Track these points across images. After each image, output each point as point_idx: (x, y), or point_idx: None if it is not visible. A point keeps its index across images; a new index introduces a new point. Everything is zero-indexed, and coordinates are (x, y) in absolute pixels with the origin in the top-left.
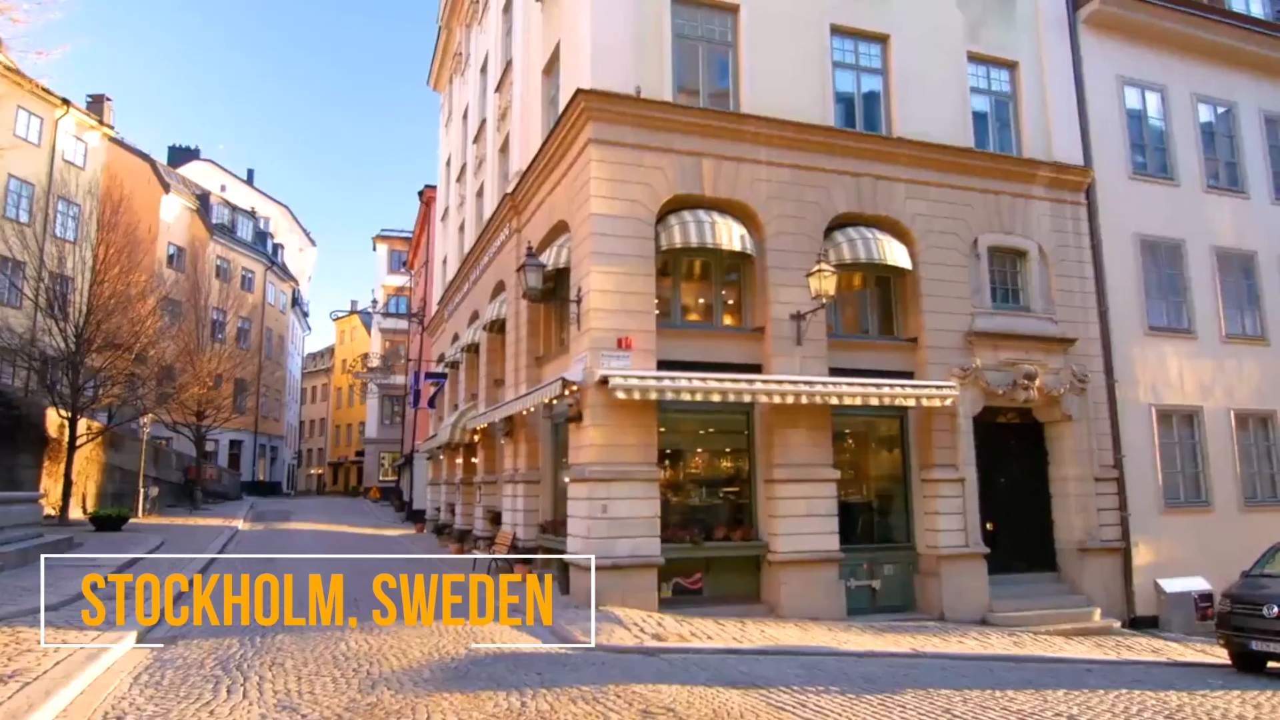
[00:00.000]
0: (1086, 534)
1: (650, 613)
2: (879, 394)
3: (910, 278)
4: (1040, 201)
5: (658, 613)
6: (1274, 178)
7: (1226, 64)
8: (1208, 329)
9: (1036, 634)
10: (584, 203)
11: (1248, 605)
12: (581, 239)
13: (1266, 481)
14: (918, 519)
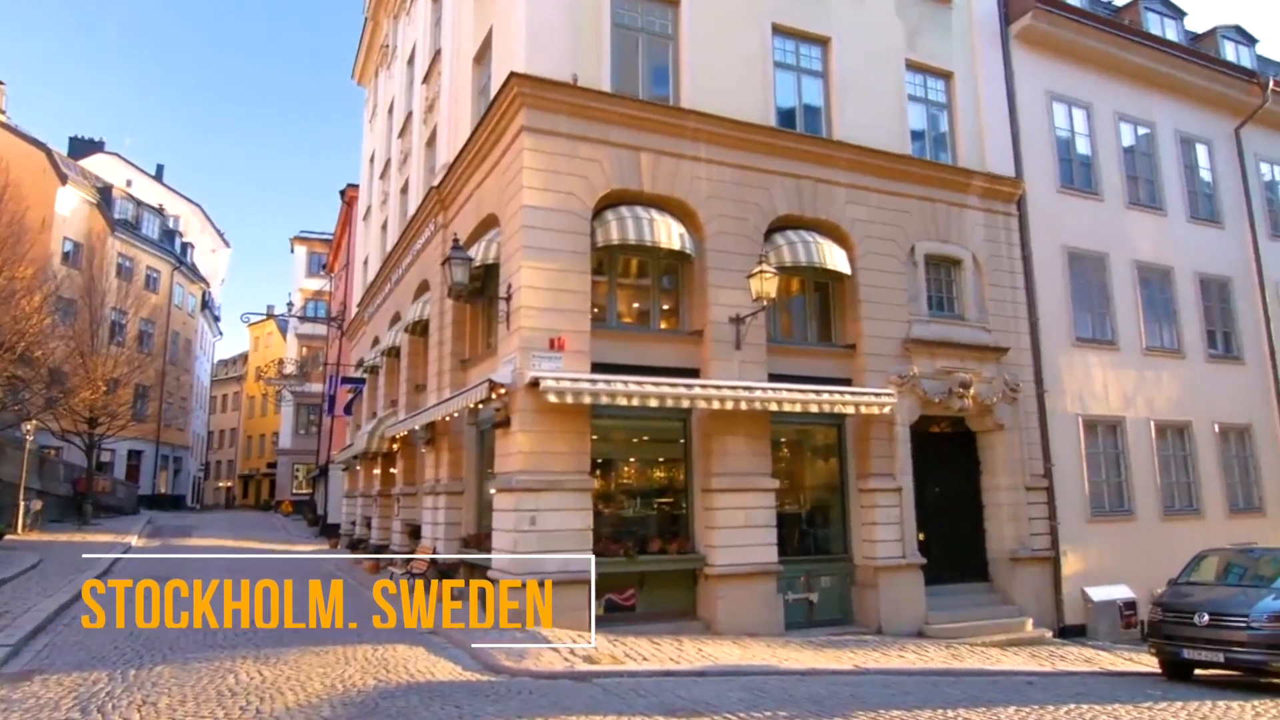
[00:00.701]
0: (1018, 543)
1: (581, 632)
2: (819, 400)
3: (849, 283)
4: (974, 211)
5: (589, 632)
6: (1189, 196)
7: (1146, 86)
8: (1130, 341)
9: (973, 646)
10: (515, 194)
11: (1179, 614)
12: (512, 233)
13: (1184, 491)
14: (855, 530)
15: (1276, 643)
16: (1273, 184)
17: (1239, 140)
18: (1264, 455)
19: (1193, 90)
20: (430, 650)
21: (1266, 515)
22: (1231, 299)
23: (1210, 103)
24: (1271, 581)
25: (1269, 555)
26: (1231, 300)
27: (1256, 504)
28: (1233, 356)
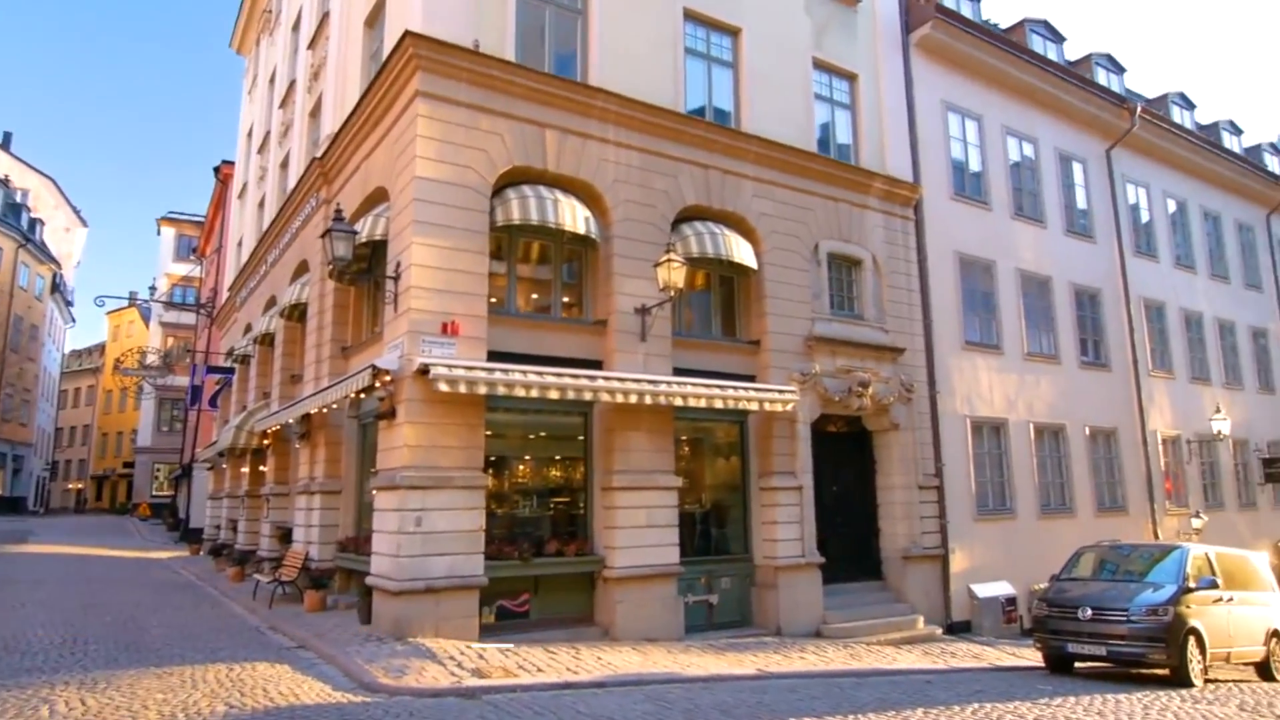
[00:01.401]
0: (910, 542)
1: (470, 643)
2: (723, 396)
3: (754, 279)
4: (875, 213)
5: (479, 642)
6: (1066, 211)
7: (1030, 103)
8: (1013, 346)
9: (869, 645)
10: (408, 164)
11: (1063, 609)
12: (403, 206)
13: (1058, 491)
14: (756, 529)
15: (1153, 635)
16: (1137, 205)
17: (1109, 161)
18: (1126, 457)
19: (1071, 111)
20: (296, 668)
21: (1129, 513)
22: (1101, 310)
23: (1085, 124)
24: (1144, 576)
25: (1138, 551)
26: (1101, 311)
27: (1120, 503)
28: (1101, 364)
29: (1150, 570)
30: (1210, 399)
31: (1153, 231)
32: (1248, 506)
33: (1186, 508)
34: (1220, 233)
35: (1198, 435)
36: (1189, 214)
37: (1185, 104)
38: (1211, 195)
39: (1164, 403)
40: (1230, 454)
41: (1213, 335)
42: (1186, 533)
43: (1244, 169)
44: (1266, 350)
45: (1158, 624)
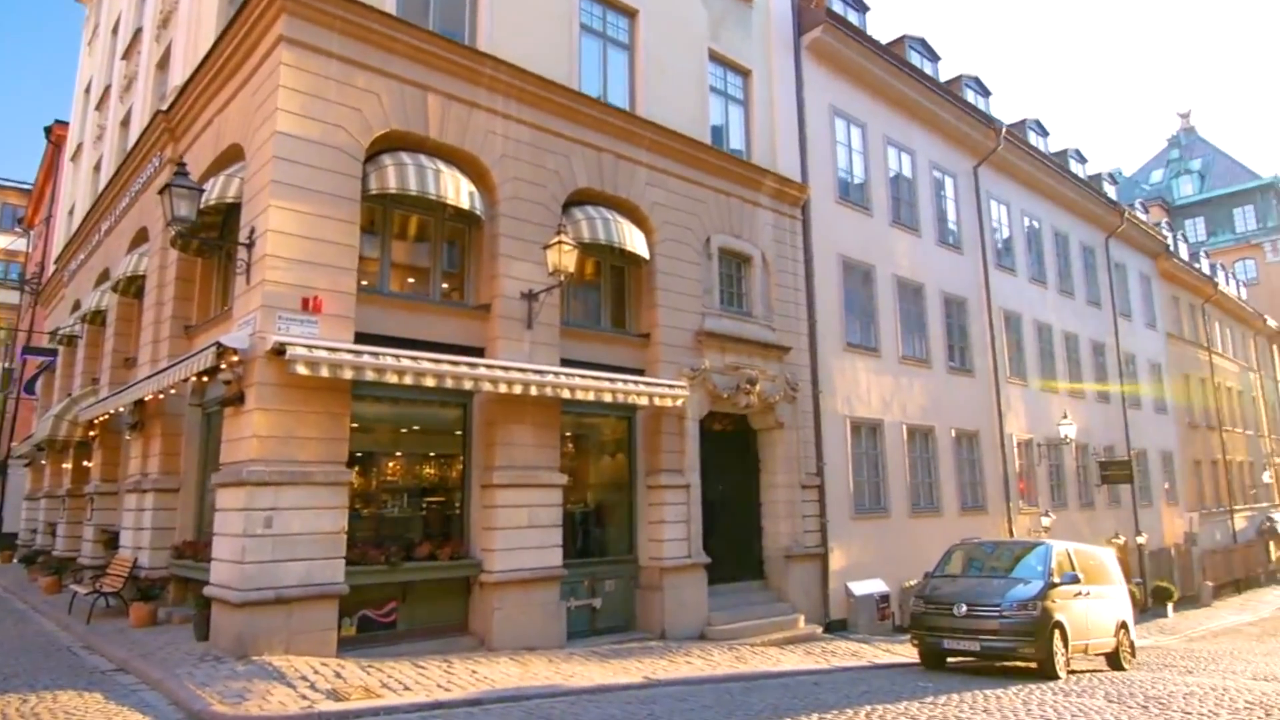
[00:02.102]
0: (793, 541)
1: (326, 659)
2: (613, 389)
3: (646, 270)
4: (765, 211)
5: (336, 658)
6: (938, 222)
7: (909, 116)
8: (889, 349)
9: (754, 646)
10: (267, 118)
11: (939, 605)
12: (260, 165)
13: (927, 490)
14: (641, 529)
15: (1023, 630)
16: (999, 221)
17: (976, 177)
18: (986, 459)
19: (944, 127)
20: (111, 696)
21: (988, 512)
22: (967, 318)
23: (957, 141)
24: (1013, 572)
25: (1006, 548)
26: (967, 319)
27: (981, 502)
28: (966, 369)
29: (1018, 566)
30: (1058, 405)
31: (1012, 247)
32: (1086, 506)
33: (1037, 507)
34: (1068, 252)
35: (1046, 439)
36: (1042, 233)
37: (1040, 130)
38: (1061, 217)
39: (1019, 408)
40: (1073, 457)
41: (1060, 346)
42: (1036, 530)
43: (1089, 194)
44: (1104, 362)
45: (1027, 618)
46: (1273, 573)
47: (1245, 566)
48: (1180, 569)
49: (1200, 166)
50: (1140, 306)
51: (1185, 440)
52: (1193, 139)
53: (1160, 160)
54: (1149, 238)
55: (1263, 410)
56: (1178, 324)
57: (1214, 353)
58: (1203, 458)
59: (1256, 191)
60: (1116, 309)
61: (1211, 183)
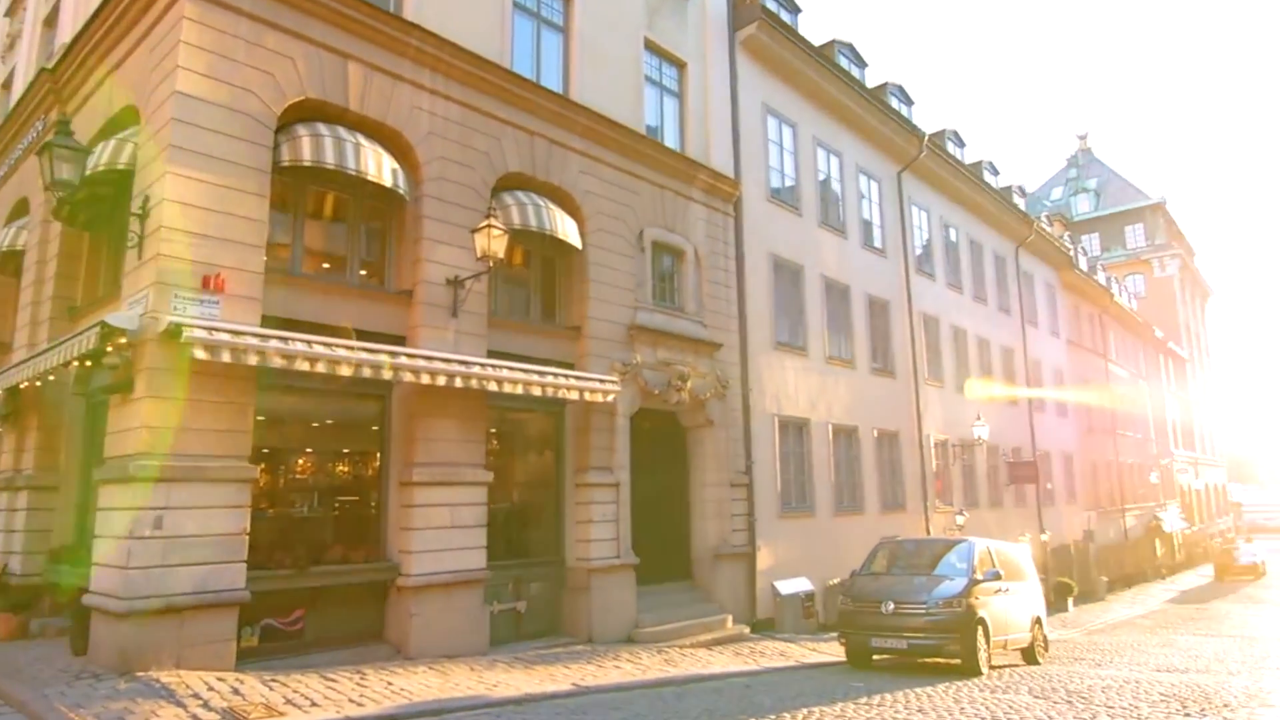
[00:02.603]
0: (721, 540)
1: (224, 674)
2: (542, 383)
3: (578, 260)
4: (698, 205)
5: (235, 672)
6: (863, 225)
7: (838, 119)
8: (817, 349)
9: (682, 648)
10: (167, 76)
11: (868, 603)
12: (158, 127)
13: (850, 490)
14: (569, 529)
15: (949, 626)
16: (920, 226)
17: (900, 183)
18: (906, 459)
19: (871, 132)
20: None
21: (907, 511)
22: (889, 320)
23: (882, 146)
24: (938, 569)
25: (930, 545)
26: (889, 321)
27: (901, 501)
28: (888, 371)
29: (942, 564)
30: (971, 408)
31: (931, 253)
32: (996, 505)
33: (952, 506)
34: (982, 260)
35: (960, 440)
36: (959, 240)
37: (958, 141)
38: (976, 226)
39: (936, 409)
40: (984, 458)
41: (974, 350)
42: (951, 529)
43: (1002, 205)
44: (1013, 367)
45: (952, 615)
46: (1158, 568)
47: (1135, 562)
48: (1079, 565)
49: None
50: (1046, 315)
51: (1084, 443)
52: (1089, 159)
53: (1060, 178)
54: (1054, 250)
55: (1150, 416)
56: (1078, 333)
57: (1109, 361)
58: (1099, 460)
59: (1146, 210)
60: (1025, 316)
61: (1106, 201)
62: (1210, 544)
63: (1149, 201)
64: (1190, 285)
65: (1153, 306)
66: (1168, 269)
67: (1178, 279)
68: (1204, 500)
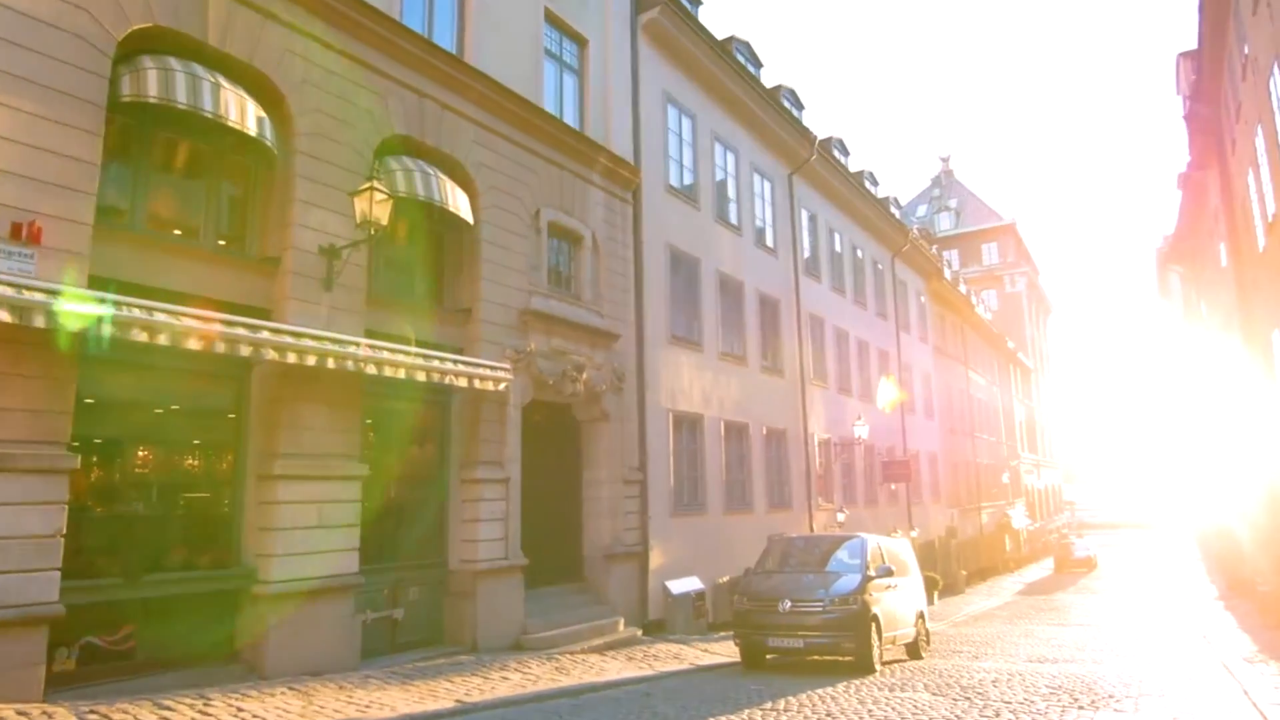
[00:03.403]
0: (614, 539)
1: (28, 705)
2: (428, 367)
3: (469, 238)
4: (597, 190)
5: (44, 703)
6: (756, 223)
7: (735, 116)
8: (711, 344)
9: (573, 655)
10: None
11: (764, 602)
12: None
13: (740, 488)
14: (454, 528)
15: (844, 624)
16: (807, 229)
17: (791, 185)
18: (792, 457)
19: (765, 131)
20: None
21: (792, 509)
22: (779, 319)
23: (775, 146)
24: (832, 566)
25: (819, 542)
26: (779, 320)
27: (787, 499)
28: (777, 369)
29: (836, 561)
30: (851, 408)
31: (818, 255)
32: (871, 503)
33: (833, 503)
34: (863, 266)
35: (841, 439)
36: (843, 245)
37: (843, 150)
38: (858, 233)
39: (820, 409)
40: (862, 457)
41: (855, 352)
42: (832, 526)
43: (883, 214)
44: (889, 370)
45: (847, 612)
46: (1007, 562)
47: (989, 557)
48: (942, 560)
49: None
50: (916, 322)
51: (947, 444)
52: (951, 181)
53: (925, 197)
54: (926, 260)
55: (1001, 420)
56: (943, 340)
57: (969, 368)
58: (959, 460)
59: (1000, 231)
60: (899, 322)
61: (965, 220)
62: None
63: (1002, 222)
64: (1035, 301)
65: (1003, 320)
66: (1017, 285)
67: (1025, 295)
68: (1044, 499)
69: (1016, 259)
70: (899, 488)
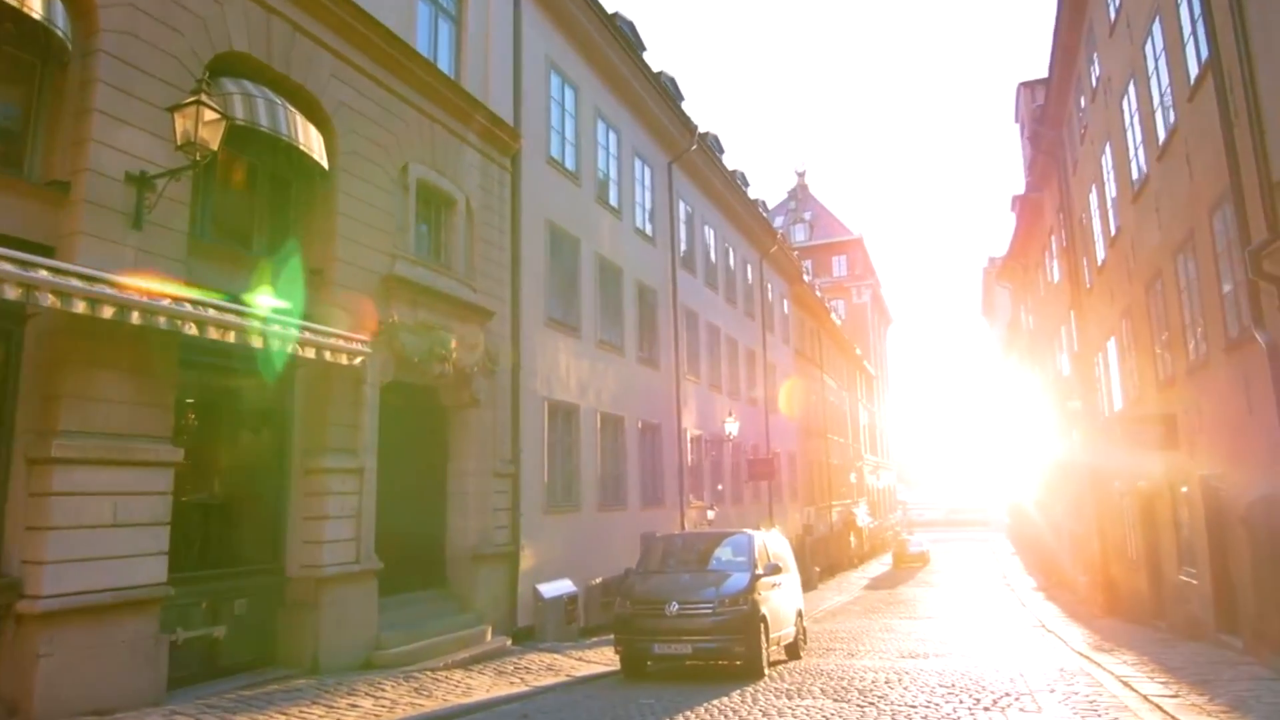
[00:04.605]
0: (482, 539)
1: None
2: (267, 331)
3: (323, 188)
4: (473, 151)
5: None
6: (636, 209)
7: (618, 94)
8: (589, 331)
9: (435, 671)
10: None
11: (650, 605)
12: None
13: (614, 484)
14: (294, 527)
15: (735, 627)
16: (685, 222)
17: (671, 174)
18: (665, 452)
19: (648, 115)
20: None
21: (665, 506)
22: (656, 310)
23: (657, 133)
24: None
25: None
26: (656, 311)
27: (660, 496)
28: (652, 362)
29: (723, 559)
30: (721, 405)
31: (693, 248)
32: (737, 500)
33: (703, 500)
34: (734, 263)
35: (712, 436)
36: (718, 239)
37: (718, 147)
38: (731, 231)
39: (693, 404)
40: (730, 454)
41: (725, 349)
42: (702, 524)
43: (754, 215)
44: (755, 369)
45: (737, 614)
46: (852, 558)
47: (838, 553)
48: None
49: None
50: (780, 324)
51: (803, 444)
52: (806, 195)
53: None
54: (790, 264)
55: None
56: (803, 343)
57: (825, 372)
58: (814, 459)
59: (848, 245)
60: (765, 323)
61: (817, 233)
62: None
63: (851, 237)
64: (878, 312)
65: (850, 329)
66: (863, 296)
67: (870, 306)
68: (882, 499)
69: (863, 272)
70: (762, 486)
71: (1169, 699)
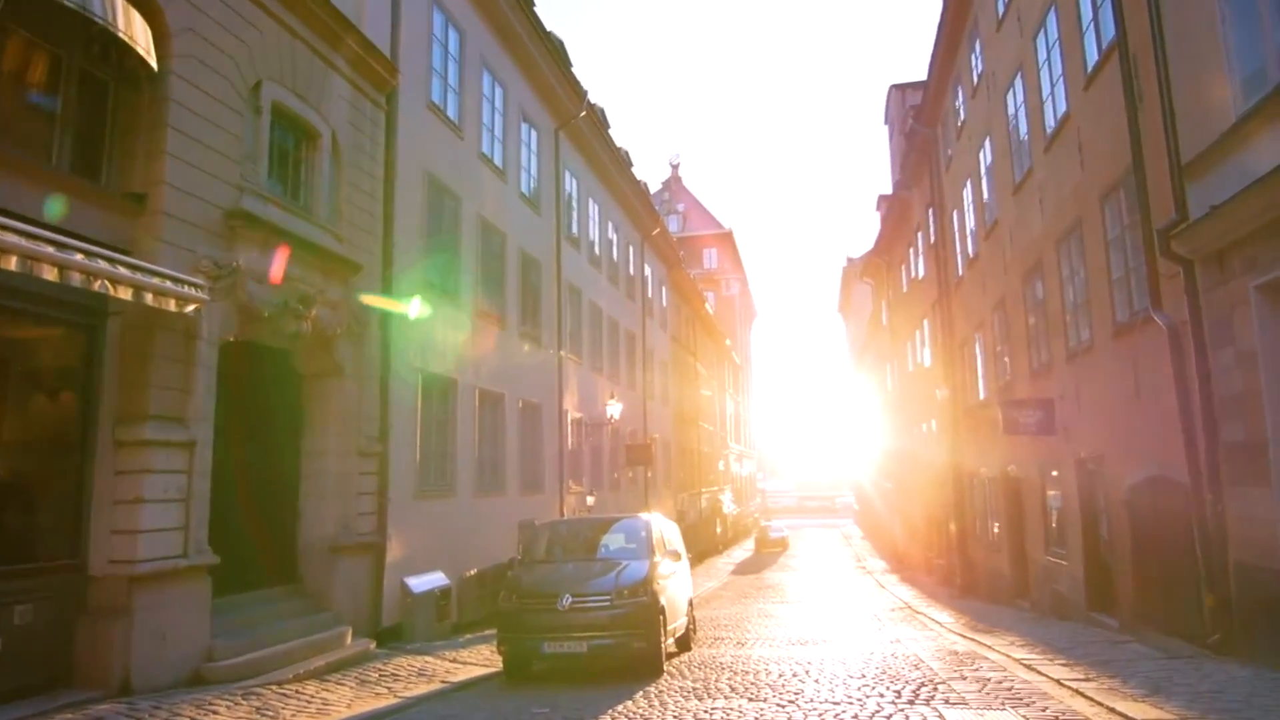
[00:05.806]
0: (342, 527)
1: None
2: (67, 262)
3: (151, 94)
4: (342, 80)
5: None
6: (522, 173)
7: (506, 44)
8: (467, 297)
9: (284, 685)
10: None
11: (540, 600)
12: None
13: (492, 467)
14: (100, 513)
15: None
16: (571, 193)
17: (557, 141)
18: (546, 435)
19: (537, 74)
20: None
21: (544, 491)
22: (540, 283)
23: (545, 95)
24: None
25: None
26: (540, 284)
27: (539, 481)
28: (535, 338)
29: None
30: (602, 387)
31: (578, 223)
32: (614, 486)
33: (582, 486)
34: (617, 243)
35: (592, 419)
36: (602, 217)
37: (604, 121)
38: (615, 209)
39: (574, 385)
40: (609, 439)
41: (607, 329)
42: (582, 509)
43: (638, 195)
44: (635, 352)
45: (637, 606)
46: (718, 544)
47: (706, 539)
48: None
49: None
50: (658, 309)
51: (677, 431)
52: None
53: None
54: (669, 249)
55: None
56: (679, 330)
57: (698, 360)
58: (686, 446)
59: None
60: (645, 307)
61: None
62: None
63: (721, 230)
64: (745, 306)
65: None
66: (732, 289)
67: (738, 299)
68: (745, 486)
69: (733, 266)
70: (637, 471)
71: (1085, 683)
